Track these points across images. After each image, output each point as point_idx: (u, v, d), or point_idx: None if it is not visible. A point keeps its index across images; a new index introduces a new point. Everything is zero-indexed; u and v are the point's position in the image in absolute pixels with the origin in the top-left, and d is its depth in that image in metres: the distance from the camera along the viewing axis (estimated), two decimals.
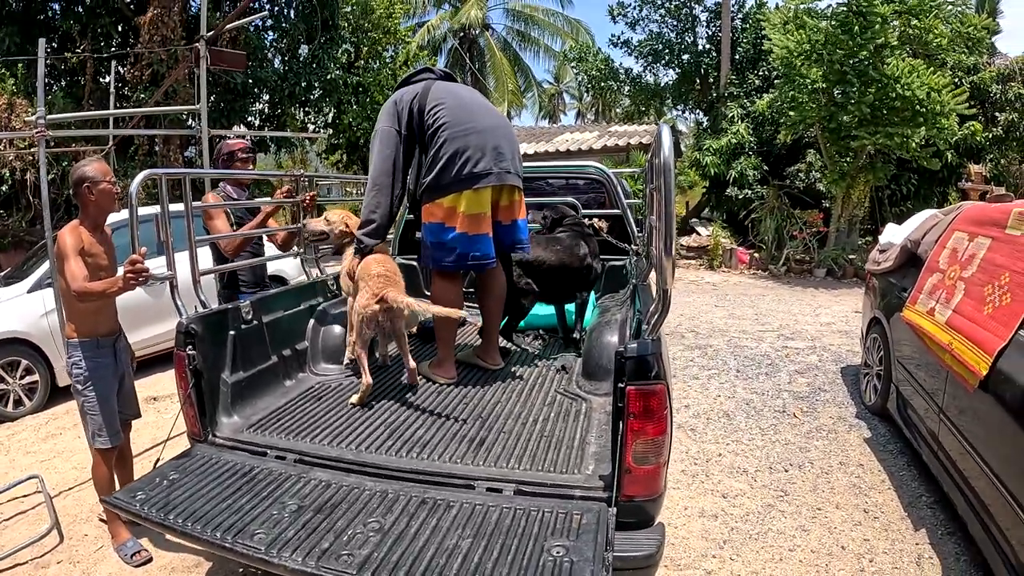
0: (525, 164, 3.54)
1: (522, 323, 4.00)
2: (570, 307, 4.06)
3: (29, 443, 4.88)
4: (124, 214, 4.19)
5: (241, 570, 3.03)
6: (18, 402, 5.49)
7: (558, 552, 1.73)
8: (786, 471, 3.94)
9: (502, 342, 3.73)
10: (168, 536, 3.16)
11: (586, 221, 4.16)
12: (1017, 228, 3.00)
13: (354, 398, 2.93)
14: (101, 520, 3.50)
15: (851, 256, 11.10)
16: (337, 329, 3.55)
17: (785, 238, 11.99)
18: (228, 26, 5.58)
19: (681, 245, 13.35)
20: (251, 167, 4.16)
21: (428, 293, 3.47)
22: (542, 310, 4.15)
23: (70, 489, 3.99)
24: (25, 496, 3.81)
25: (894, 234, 4.85)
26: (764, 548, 3.14)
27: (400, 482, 2.20)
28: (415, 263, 4.68)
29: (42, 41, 3.83)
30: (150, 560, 3.18)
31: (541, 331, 4.22)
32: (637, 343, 1.98)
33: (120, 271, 2.76)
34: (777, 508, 3.51)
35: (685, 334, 7.42)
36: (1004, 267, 2.95)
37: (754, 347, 6.74)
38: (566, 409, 2.80)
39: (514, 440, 2.47)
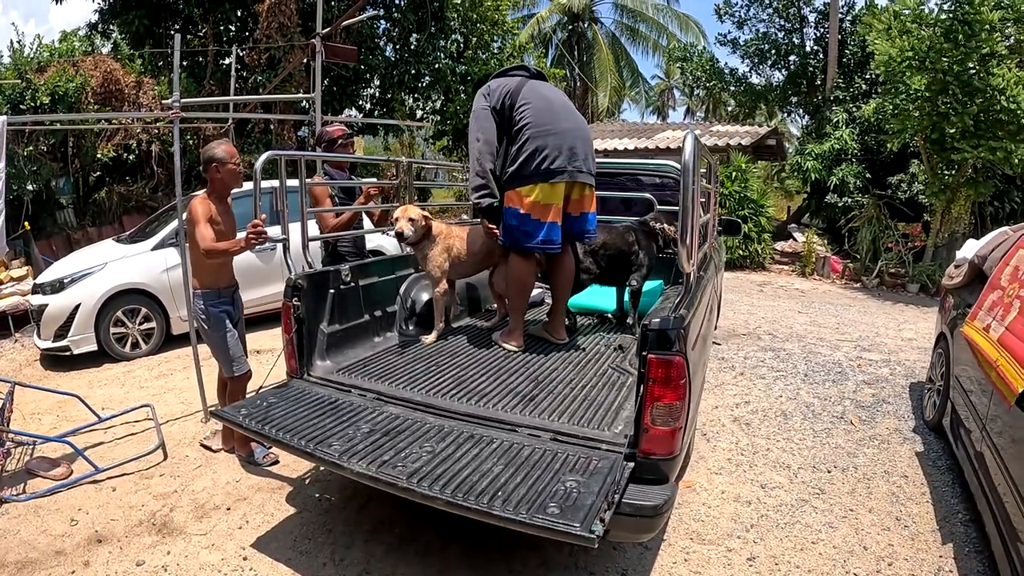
0: (612, 160, 3.94)
1: (590, 305, 4.36)
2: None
3: (143, 379, 5.63)
4: (244, 187, 4.82)
5: (317, 495, 3.55)
6: (135, 345, 6.29)
7: (570, 484, 2.10)
8: (828, 472, 4.01)
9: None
10: (262, 446, 3.83)
11: (655, 224, 4.44)
12: None
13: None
14: (202, 445, 4.15)
15: None
16: (424, 296, 4.04)
17: (881, 250, 11.64)
18: (344, 24, 6.15)
19: (775, 250, 13.21)
20: (350, 151, 4.69)
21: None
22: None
23: (176, 419, 4.65)
24: (136, 422, 4.52)
25: (970, 250, 4.77)
26: (788, 537, 3.26)
27: (457, 421, 2.66)
28: None
29: (178, 36, 4.45)
30: (277, 461, 3.87)
31: (610, 315, 4.59)
32: (660, 318, 2.28)
33: (241, 235, 3.32)
34: (811, 504, 3.60)
35: (762, 336, 7.50)
36: None
37: (828, 354, 6.75)
38: (613, 380, 3.15)
39: (560, 400, 2.86)
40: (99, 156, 9.96)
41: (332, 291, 3.40)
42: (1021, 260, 3.61)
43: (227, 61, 10.59)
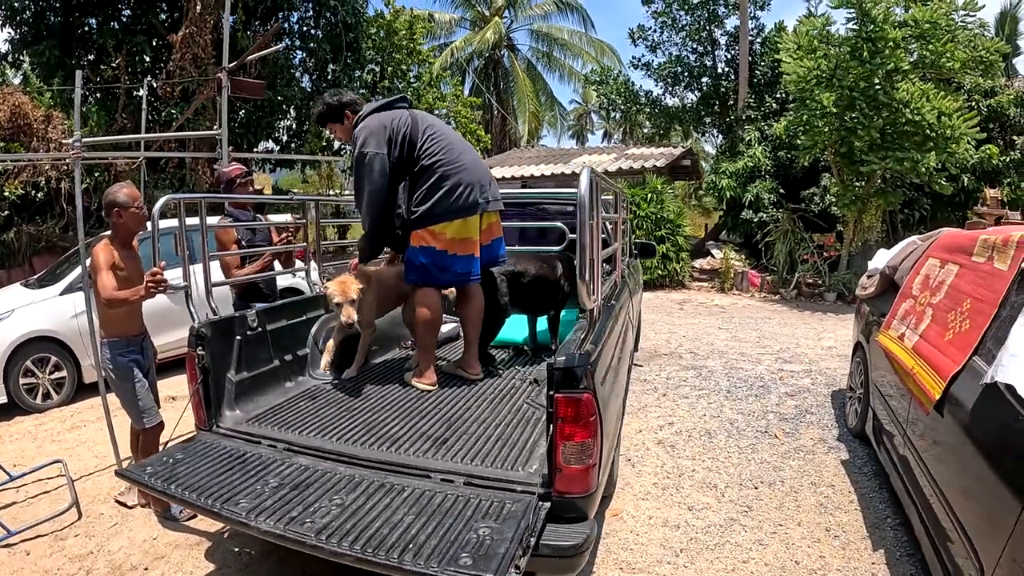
0: (521, 191, 3.94)
1: (503, 338, 4.32)
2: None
3: (55, 432, 5.32)
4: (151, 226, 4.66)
5: (236, 549, 3.38)
6: (46, 395, 5.94)
7: (483, 531, 2.04)
8: (755, 488, 4.02)
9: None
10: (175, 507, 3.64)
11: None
12: (982, 255, 3.02)
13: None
14: (117, 502, 3.92)
15: None
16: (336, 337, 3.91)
17: (797, 262, 12.05)
18: (250, 57, 6.02)
19: (693, 267, 13.49)
20: (249, 190, 4.60)
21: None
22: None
23: (90, 474, 4.39)
24: (49, 479, 4.25)
25: (881, 260, 4.89)
26: (718, 559, 3.23)
27: (368, 469, 2.56)
28: None
29: (79, 73, 4.27)
30: (195, 515, 3.64)
31: (524, 347, 4.53)
32: (565, 356, 2.25)
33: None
34: (739, 522, 3.60)
35: (683, 355, 7.57)
36: (967, 294, 2.98)
37: (749, 369, 6.88)
38: (528, 417, 3.10)
39: (474, 440, 2.79)
40: (5, 194, 9.46)
41: (239, 338, 3.27)
42: (931, 269, 3.70)
43: (140, 93, 10.32)
